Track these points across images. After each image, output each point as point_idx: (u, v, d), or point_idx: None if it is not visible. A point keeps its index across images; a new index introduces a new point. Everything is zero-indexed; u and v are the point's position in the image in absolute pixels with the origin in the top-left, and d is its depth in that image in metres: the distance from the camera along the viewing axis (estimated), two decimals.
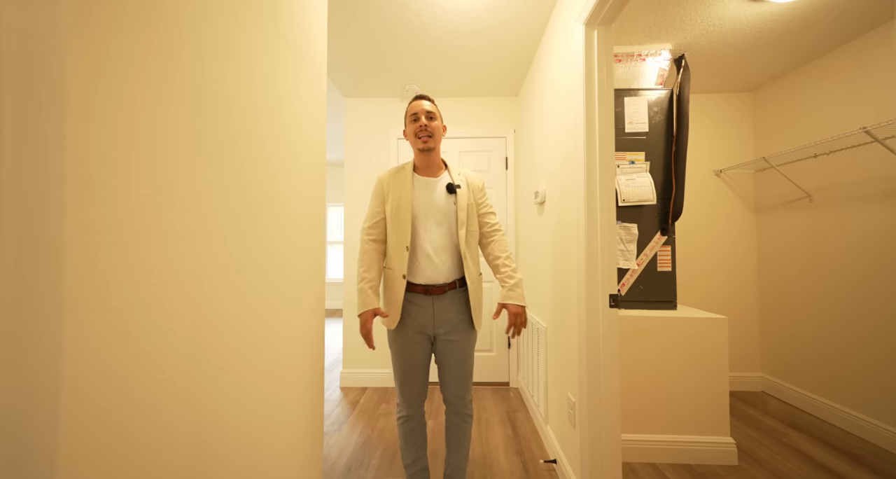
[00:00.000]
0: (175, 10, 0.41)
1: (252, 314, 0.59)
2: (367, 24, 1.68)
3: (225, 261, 0.51)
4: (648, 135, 1.70)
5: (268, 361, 0.64)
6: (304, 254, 0.81)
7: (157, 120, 0.39)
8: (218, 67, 0.49)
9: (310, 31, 0.85)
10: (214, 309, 0.49)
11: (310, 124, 0.85)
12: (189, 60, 0.44)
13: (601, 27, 1.16)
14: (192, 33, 0.44)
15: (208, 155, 0.48)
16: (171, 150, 0.41)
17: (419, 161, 1.20)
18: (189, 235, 0.44)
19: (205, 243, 0.47)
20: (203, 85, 0.46)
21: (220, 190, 0.50)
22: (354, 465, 1.49)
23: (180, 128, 0.42)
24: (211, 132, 0.48)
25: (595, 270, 1.16)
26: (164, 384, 0.40)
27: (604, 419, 1.14)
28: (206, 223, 0.47)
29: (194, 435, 0.45)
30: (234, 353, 0.54)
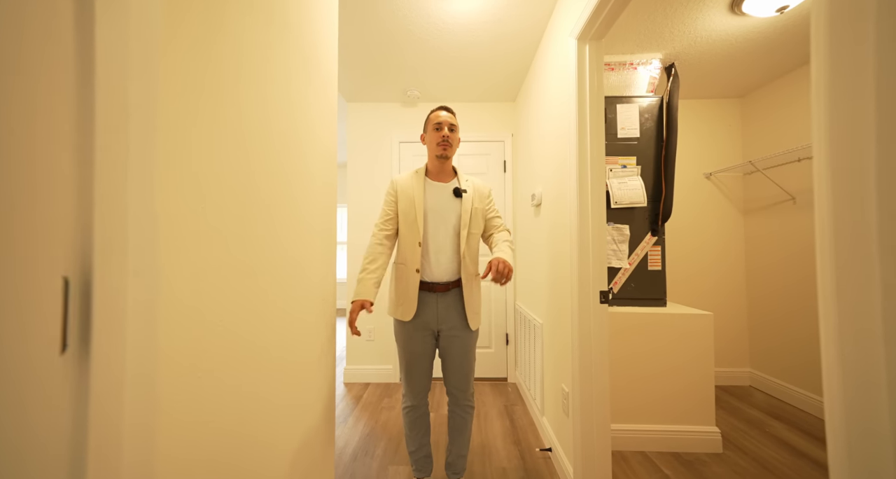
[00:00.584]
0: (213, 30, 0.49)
1: (286, 316, 0.67)
2: (370, 34, 1.76)
3: (258, 265, 0.59)
4: (640, 140, 1.79)
5: (290, 357, 0.72)
6: (318, 259, 0.89)
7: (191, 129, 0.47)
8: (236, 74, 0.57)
9: (320, 42, 0.93)
10: (254, 311, 0.57)
11: (321, 133, 0.93)
12: (226, 76, 0.52)
13: (592, 42, 1.24)
14: (230, 49, 0.52)
15: (223, 161, 0.55)
16: (207, 156, 0.49)
17: (433, 166, 1.28)
18: (231, 240, 0.52)
19: (246, 247, 0.55)
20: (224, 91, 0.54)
21: (235, 194, 0.58)
22: (360, 454, 1.57)
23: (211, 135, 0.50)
24: (228, 136, 0.56)
25: (587, 268, 1.24)
26: (211, 379, 0.48)
27: (595, 407, 1.22)
28: (246, 230, 0.55)
29: (241, 422, 0.53)
30: (265, 350, 0.62)
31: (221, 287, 0.49)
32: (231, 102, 0.52)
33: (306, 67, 0.81)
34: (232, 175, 0.53)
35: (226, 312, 0.50)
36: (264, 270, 0.62)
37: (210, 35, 0.47)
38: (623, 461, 1.52)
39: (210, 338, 0.47)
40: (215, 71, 0.48)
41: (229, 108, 0.52)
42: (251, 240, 0.58)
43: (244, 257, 0.56)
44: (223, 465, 0.49)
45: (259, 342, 0.60)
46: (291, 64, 0.74)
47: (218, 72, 0.49)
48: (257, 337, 0.59)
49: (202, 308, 0.45)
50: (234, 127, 0.53)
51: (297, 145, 0.77)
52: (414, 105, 2.55)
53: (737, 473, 1.43)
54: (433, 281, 1.22)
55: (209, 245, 0.47)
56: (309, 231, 0.83)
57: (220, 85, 0.49)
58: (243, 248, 0.55)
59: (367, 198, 2.52)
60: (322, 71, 0.93)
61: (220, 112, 0.49)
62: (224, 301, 0.50)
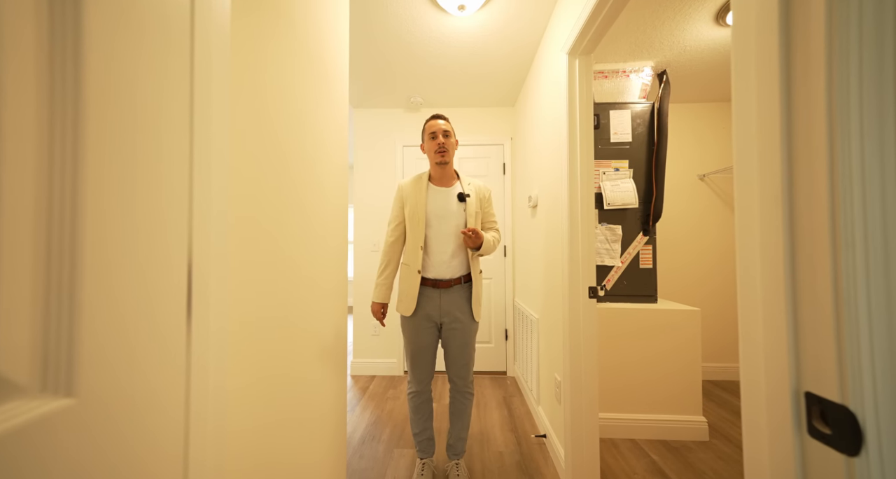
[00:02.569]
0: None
1: (308, 311, 0.78)
2: (376, 45, 1.87)
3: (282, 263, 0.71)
4: (632, 144, 1.88)
5: (316, 341, 0.83)
6: (335, 254, 1.00)
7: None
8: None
9: (335, 62, 1.04)
10: (296, 297, 0.68)
11: (336, 141, 1.04)
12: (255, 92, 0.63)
13: (582, 56, 1.34)
14: (271, 77, 0.64)
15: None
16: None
17: (434, 172, 1.38)
18: (268, 240, 0.63)
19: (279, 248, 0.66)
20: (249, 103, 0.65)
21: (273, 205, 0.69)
22: (367, 439, 1.69)
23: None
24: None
25: (577, 266, 1.34)
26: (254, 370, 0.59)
27: (584, 395, 1.33)
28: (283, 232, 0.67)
29: (273, 403, 0.64)
30: (303, 332, 0.73)
31: (272, 277, 0.61)
32: (271, 118, 0.63)
33: (326, 85, 0.93)
34: (274, 181, 0.64)
35: (273, 298, 0.62)
36: (302, 263, 0.73)
37: (257, 71, 0.58)
38: (614, 448, 1.62)
39: (260, 322, 0.58)
40: (262, 98, 0.59)
41: (271, 123, 0.63)
42: (290, 238, 0.69)
43: (288, 252, 0.67)
44: (272, 435, 0.60)
45: (297, 325, 0.71)
46: (314, 83, 0.85)
47: (263, 95, 0.60)
48: (296, 319, 0.71)
49: (255, 296, 0.57)
50: (274, 141, 0.64)
51: (319, 154, 0.88)
52: (417, 111, 2.66)
53: (721, 458, 1.52)
54: (437, 278, 1.32)
55: (264, 243, 0.58)
56: (329, 229, 0.95)
57: (264, 105, 0.61)
58: (286, 245, 0.67)
59: (372, 199, 2.64)
60: (336, 88, 1.04)
61: (263, 127, 0.61)
62: (272, 289, 0.61)
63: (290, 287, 0.72)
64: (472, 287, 1.36)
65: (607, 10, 1.10)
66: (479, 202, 1.37)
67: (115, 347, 0.29)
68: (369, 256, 2.62)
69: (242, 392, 0.55)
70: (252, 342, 0.58)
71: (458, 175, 1.41)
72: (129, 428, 0.30)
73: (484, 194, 1.40)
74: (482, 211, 1.39)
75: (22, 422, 0.23)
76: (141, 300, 0.31)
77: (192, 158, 0.39)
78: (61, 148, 0.26)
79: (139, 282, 0.31)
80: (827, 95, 0.34)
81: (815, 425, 0.35)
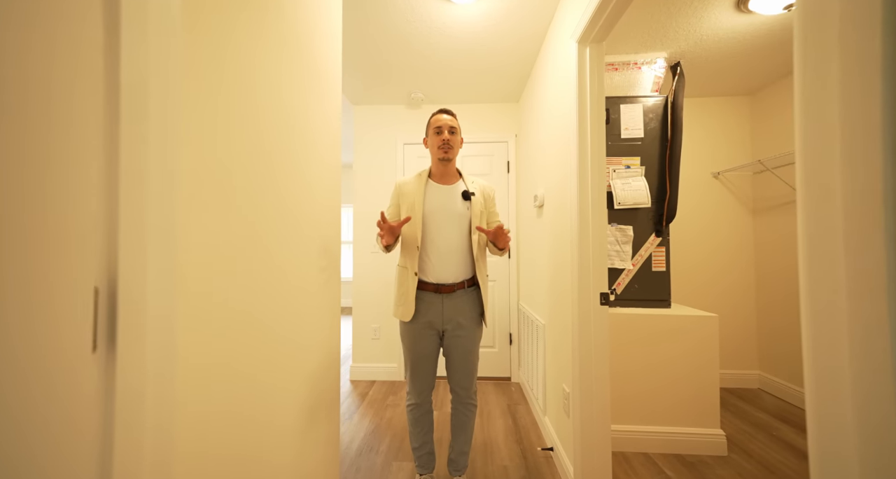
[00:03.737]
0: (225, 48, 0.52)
1: (283, 310, 0.70)
2: (375, 38, 1.79)
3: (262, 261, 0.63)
4: (644, 140, 1.78)
5: (292, 348, 0.75)
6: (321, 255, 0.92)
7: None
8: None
9: (324, 49, 0.96)
10: (246, 303, 0.60)
11: (327, 137, 0.96)
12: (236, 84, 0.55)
13: (593, 45, 1.24)
14: (247, 63, 0.55)
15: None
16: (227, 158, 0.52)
17: (436, 169, 1.30)
18: (238, 242, 0.55)
19: (252, 248, 0.58)
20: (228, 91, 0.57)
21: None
22: (365, 450, 1.61)
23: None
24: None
25: (587, 270, 1.25)
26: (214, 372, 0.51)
27: (595, 407, 1.23)
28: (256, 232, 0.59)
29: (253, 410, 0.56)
30: (280, 342, 0.65)
31: (237, 282, 0.53)
32: (250, 112, 0.55)
33: (311, 76, 0.85)
34: (250, 181, 0.56)
35: (243, 306, 0.54)
36: (287, 269, 0.65)
37: (223, 49, 0.50)
38: (625, 462, 1.52)
39: (229, 334, 0.50)
40: (231, 82, 0.51)
41: (250, 117, 0.55)
42: (271, 242, 0.61)
43: (268, 258, 0.59)
44: (233, 452, 0.52)
45: (275, 337, 0.63)
46: (300, 73, 0.77)
47: (234, 83, 0.52)
48: (281, 331, 0.63)
49: (218, 307, 0.49)
50: (253, 137, 0.56)
51: (308, 152, 0.80)
52: (418, 107, 2.57)
53: (741, 476, 1.42)
54: (438, 282, 1.23)
55: (238, 250, 0.50)
56: (319, 231, 0.87)
57: (237, 94, 0.53)
58: (264, 249, 0.59)
59: (372, 198, 2.56)
60: (328, 80, 0.96)
61: (241, 122, 0.53)
62: (241, 295, 0.53)
63: (272, 294, 0.64)
64: (476, 291, 1.28)
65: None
66: (484, 201, 1.31)
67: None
68: (369, 257, 2.54)
69: (201, 409, 0.47)
70: (223, 368, 0.50)
71: (460, 174, 1.34)
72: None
73: (489, 193, 1.34)
74: (486, 211, 1.31)
75: None
76: (26, 335, 0.23)
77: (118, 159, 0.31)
78: None
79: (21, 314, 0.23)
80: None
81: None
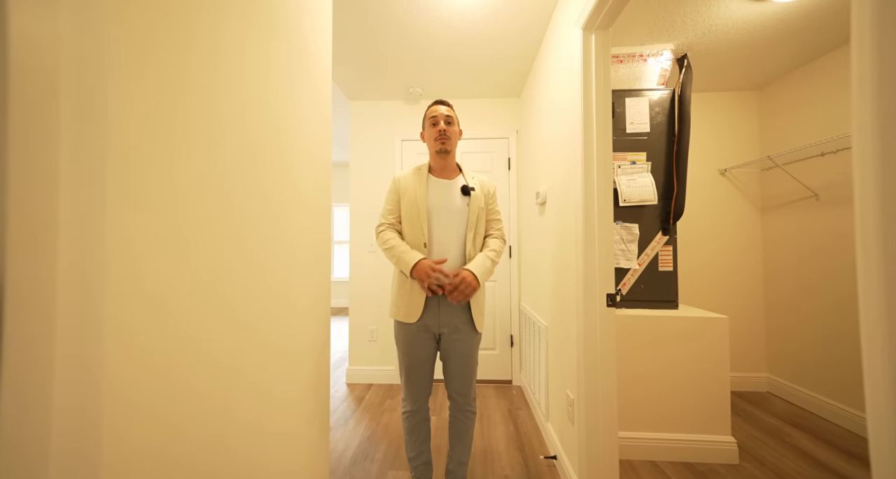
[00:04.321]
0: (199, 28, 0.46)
1: (262, 310, 0.63)
2: (370, 29, 1.72)
3: (238, 261, 0.56)
4: (650, 135, 1.71)
5: (274, 351, 0.69)
6: (311, 259, 0.85)
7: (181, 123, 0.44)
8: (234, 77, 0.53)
9: (312, 35, 0.89)
10: (226, 305, 0.54)
11: (313, 132, 0.89)
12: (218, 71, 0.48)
13: (599, 32, 1.17)
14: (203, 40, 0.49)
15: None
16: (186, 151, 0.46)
17: (435, 163, 1.25)
18: (198, 239, 0.49)
19: (218, 246, 0.52)
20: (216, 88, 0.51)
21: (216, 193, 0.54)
22: (360, 458, 1.54)
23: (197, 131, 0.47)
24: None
25: (592, 270, 1.18)
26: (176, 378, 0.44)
27: (601, 415, 1.17)
28: (221, 228, 0.52)
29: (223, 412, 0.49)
30: (239, 343, 0.58)
31: (218, 289, 0.46)
32: (230, 101, 0.49)
33: (298, 66, 0.78)
34: (211, 174, 0.49)
35: (223, 312, 0.47)
36: (268, 271, 0.59)
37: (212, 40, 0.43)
38: (632, 471, 1.45)
39: (201, 335, 0.44)
40: (198, 70, 0.45)
41: (221, 108, 0.48)
42: (241, 242, 0.54)
43: (243, 261, 0.52)
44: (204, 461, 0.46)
45: (273, 344, 0.57)
46: (289, 59, 0.71)
47: (203, 71, 0.45)
48: (265, 336, 0.56)
49: (185, 313, 0.42)
50: (234, 130, 0.49)
51: (294, 150, 0.73)
52: (416, 102, 2.50)
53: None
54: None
55: (204, 252, 0.44)
56: (304, 236, 0.80)
57: (208, 83, 0.46)
58: (229, 249, 0.52)
59: (369, 197, 2.50)
60: (316, 69, 0.89)
61: (211, 114, 0.46)
62: (221, 304, 0.47)
63: (248, 299, 0.58)
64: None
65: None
66: (484, 198, 1.24)
67: None
68: (366, 256, 2.48)
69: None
70: (190, 383, 0.43)
71: (460, 169, 1.28)
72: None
73: (489, 190, 1.27)
74: (486, 208, 1.25)
75: None
76: None
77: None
78: None
79: None
80: None
81: None
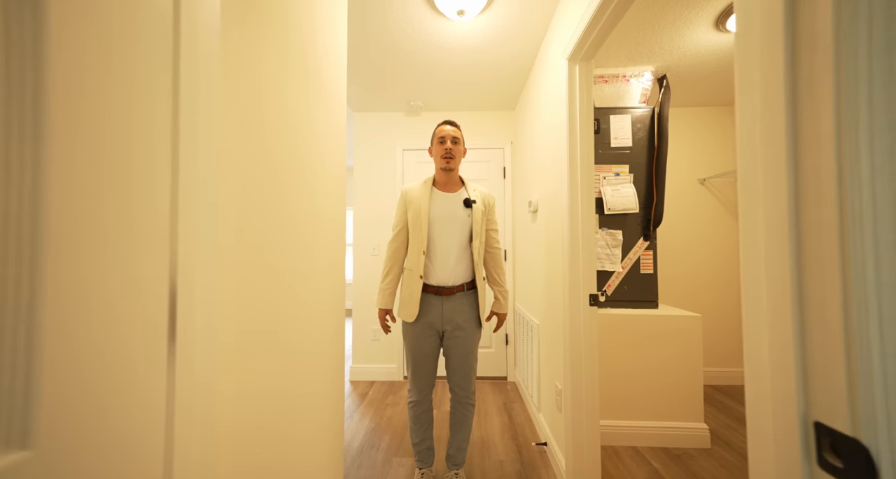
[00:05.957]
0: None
1: (293, 319, 0.77)
2: (376, 49, 1.86)
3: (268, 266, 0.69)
4: (632, 149, 1.87)
5: (301, 356, 0.82)
6: (330, 263, 0.99)
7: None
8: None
9: (331, 67, 1.03)
10: (259, 309, 0.67)
11: (334, 152, 1.03)
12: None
13: (582, 62, 1.33)
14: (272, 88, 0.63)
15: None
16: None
17: (440, 177, 1.37)
18: (234, 246, 0.62)
19: (251, 252, 0.65)
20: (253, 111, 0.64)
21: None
22: (366, 447, 1.67)
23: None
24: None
25: (577, 273, 1.33)
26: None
27: (585, 403, 1.31)
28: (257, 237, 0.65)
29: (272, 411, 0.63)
30: (293, 346, 0.72)
31: (258, 292, 0.59)
32: (261, 126, 0.62)
33: (318, 92, 0.92)
34: (262, 193, 0.63)
35: (261, 313, 0.60)
36: (293, 276, 0.72)
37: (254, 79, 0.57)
38: (615, 456, 1.60)
39: (248, 334, 0.57)
40: (250, 105, 0.58)
41: (261, 132, 0.62)
42: (279, 250, 0.68)
43: (277, 266, 0.66)
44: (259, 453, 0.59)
45: (290, 342, 0.70)
46: (309, 89, 0.85)
47: (251, 103, 0.59)
48: (288, 335, 0.69)
49: (244, 312, 0.55)
50: (262, 152, 0.63)
51: (313, 164, 0.87)
52: (417, 114, 2.65)
53: (723, 466, 1.51)
54: (439, 285, 1.31)
55: (246, 255, 0.57)
56: (323, 238, 0.93)
57: (253, 112, 0.60)
58: (273, 256, 0.65)
59: (372, 202, 2.63)
60: (333, 94, 1.03)
61: (253, 136, 0.60)
62: (261, 304, 0.60)
63: (277, 301, 0.71)
64: (475, 294, 1.35)
65: (608, 14, 1.09)
66: (484, 209, 1.38)
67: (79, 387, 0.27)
68: (369, 259, 2.61)
69: (233, 412, 0.54)
70: (240, 362, 0.57)
71: (463, 181, 1.41)
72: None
73: (489, 202, 1.41)
74: (486, 218, 1.40)
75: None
76: (112, 330, 0.30)
77: (177, 169, 0.37)
78: (19, 161, 0.24)
79: (110, 310, 0.30)
80: (835, 100, 0.32)
81: (825, 457, 0.33)
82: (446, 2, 1.41)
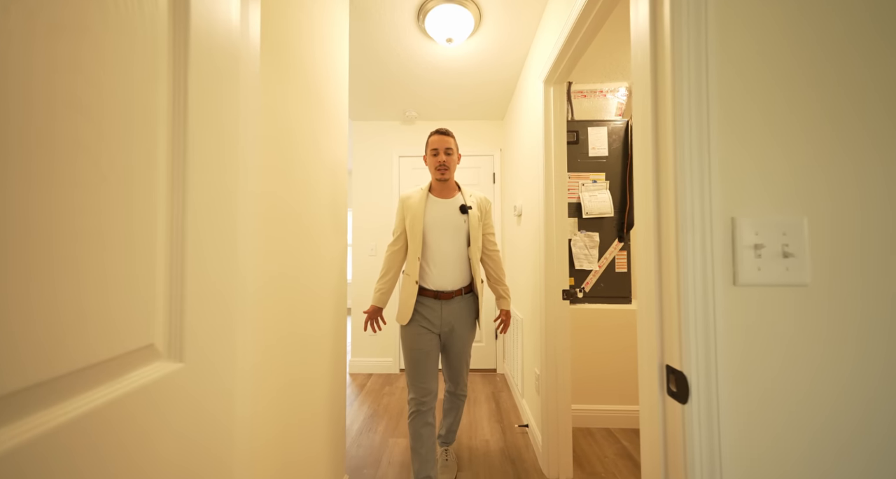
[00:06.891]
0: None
1: (306, 314, 0.94)
2: (374, 64, 2.03)
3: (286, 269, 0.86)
4: (608, 158, 2.05)
5: (310, 347, 0.99)
6: (334, 265, 1.16)
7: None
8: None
9: (336, 100, 1.20)
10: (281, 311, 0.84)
11: (337, 167, 1.20)
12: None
13: (556, 85, 1.51)
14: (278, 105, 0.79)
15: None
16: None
17: (436, 185, 1.40)
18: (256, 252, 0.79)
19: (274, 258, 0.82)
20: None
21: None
22: (365, 430, 1.84)
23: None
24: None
25: (552, 270, 1.50)
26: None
27: (558, 386, 1.49)
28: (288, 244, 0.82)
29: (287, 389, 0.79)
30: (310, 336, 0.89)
31: (286, 289, 0.76)
32: (281, 152, 0.79)
33: (327, 127, 1.09)
34: (288, 203, 0.79)
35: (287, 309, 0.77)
36: (309, 280, 0.89)
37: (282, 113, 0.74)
38: (590, 436, 1.77)
39: (277, 330, 0.74)
40: (275, 130, 0.75)
41: (284, 160, 0.78)
42: (299, 254, 0.84)
43: (295, 265, 0.82)
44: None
45: (308, 335, 0.87)
46: (317, 122, 1.01)
47: (275, 129, 0.76)
48: (306, 328, 0.86)
49: (275, 311, 0.72)
50: (287, 171, 0.80)
51: (321, 176, 1.03)
52: (412, 123, 2.82)
53: None
54: (438, 289, 1.33)
55: (276, 257, 0.74)
56: (329, 243, 1.10)
57: (278, 137, 0.76)
58: (295, 259, 0.82)
59: (369, 206, 2.80)
60: (336, 120, 1.20)
61: (280, 165, 0.76)
62: (288, 299, 0.77)
63: (295, 300, 0.88)
64: (473, 298, 1.41)
65: (576, 44, 1.25)
66: (480, 215, 1.40)
67: (204, 327, 0.45)
68: (367, 259, 2.77)
69: (261, 393, 0.70)
70: (275, 360, 0.74)
71: (459, 187, 1.43)
72: (209, 386, 0.46)
73: (485, 207, 1.43)
74: (482, 223, 1.41)
75: (156, 378, 0.39)
76: (219, 297, 0.47)
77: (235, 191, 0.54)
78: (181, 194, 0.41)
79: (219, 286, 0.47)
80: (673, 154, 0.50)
81: (670, 386, 0.51)
82: (436, 30, 1.58)
